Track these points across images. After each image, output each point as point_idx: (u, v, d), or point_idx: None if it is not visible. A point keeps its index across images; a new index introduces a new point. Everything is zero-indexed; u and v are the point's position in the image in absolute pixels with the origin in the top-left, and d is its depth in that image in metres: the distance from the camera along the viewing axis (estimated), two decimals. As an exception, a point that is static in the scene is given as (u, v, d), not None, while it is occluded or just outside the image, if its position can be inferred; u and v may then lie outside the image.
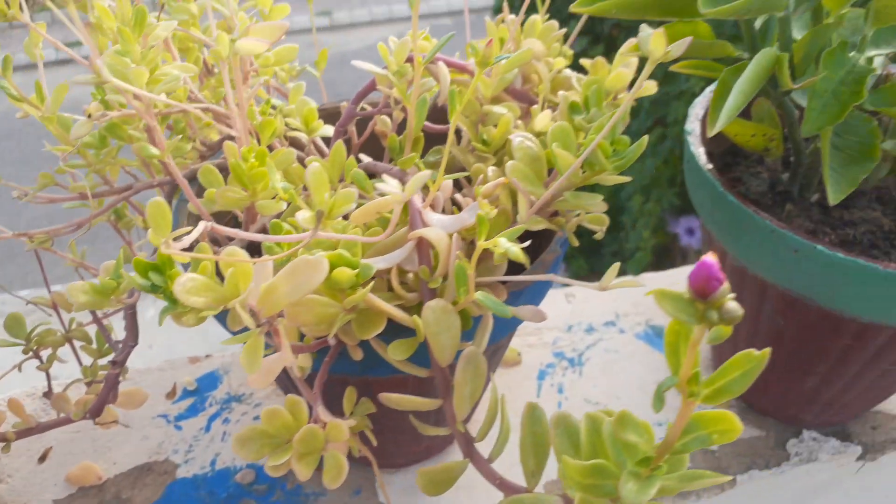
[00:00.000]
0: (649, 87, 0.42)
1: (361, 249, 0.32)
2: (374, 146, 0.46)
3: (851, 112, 0.39)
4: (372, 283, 0.27)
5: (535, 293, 0.37)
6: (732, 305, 0.18)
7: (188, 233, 0.23)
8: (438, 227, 0.30)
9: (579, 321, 0.59)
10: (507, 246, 0.25)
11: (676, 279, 0.62)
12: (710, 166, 0.43)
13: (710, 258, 0.17)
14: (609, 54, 0.42)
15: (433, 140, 0.45)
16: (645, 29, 0.27)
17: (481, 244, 0.26)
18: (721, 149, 0.49)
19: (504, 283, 0.35)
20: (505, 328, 0.37)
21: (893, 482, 0.53)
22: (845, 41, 0.37)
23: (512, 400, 0.53)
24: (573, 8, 0.36)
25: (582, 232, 0.41)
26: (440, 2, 4.00)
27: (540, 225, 0.32)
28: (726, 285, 0.18)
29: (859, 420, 0.52)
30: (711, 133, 0.33)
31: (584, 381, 0.55)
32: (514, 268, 0.36)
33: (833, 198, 0.36)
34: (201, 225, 0.26)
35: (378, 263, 0.30)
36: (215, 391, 0.52)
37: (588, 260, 2.12)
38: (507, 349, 0.56)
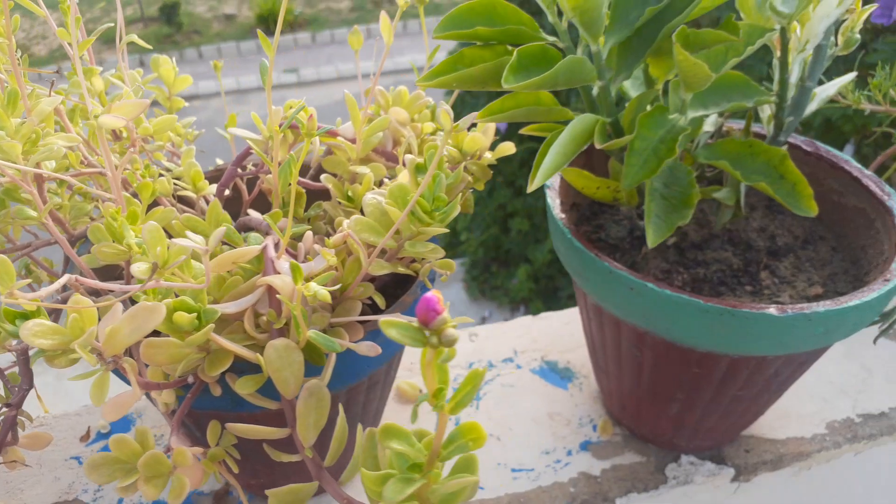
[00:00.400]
0: (507, 148, 0.47)
1: (226, 292, 0.36)
2: (264, 202, 0.50)
3: (678, 165, 0.44)
4: (212, 325, 0.31)
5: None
6: (450, 332, 0.22)
7: (27, 283, 0.27)
8: (286, 275, 0.34)
9: (480, 358, 0.63)
10: (316, 289, 0.29)
11: (572, 317, 0.67)
12: (563, 216, 0.48)
13: (432, 294, 0.22)
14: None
15: (317, 196, 0.49)
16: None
17: (299, 288, 0.30)
18: (588, 199, 0.54)
19: (363, 322, 0.39)
20: (369, 364, 0.41)
21: (767, 500, 0.56)
22: (662, 105, 0.42)
23: (411, 435, 0.57)
24: (417, 83, 0.41)
25: (539, 276, 0.44)
26: (404, 59, 4.12)
27: (384, 270, 0.36)
28: (444, 315, 0.22)
29: (734, 444, 0.56)
30: (530, 188, 0.38)
31: (480, 415, 0.58)
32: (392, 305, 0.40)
33: (651, 241, 0.40)
34: (64, 277, 0.30)
35: (228, 308, 0.34)
36: (127, 434, 0.55)
37: (545, 302, 2.17)
38: (408, 385, 0.59)
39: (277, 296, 0.34)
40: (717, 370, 0.45)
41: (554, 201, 0.49)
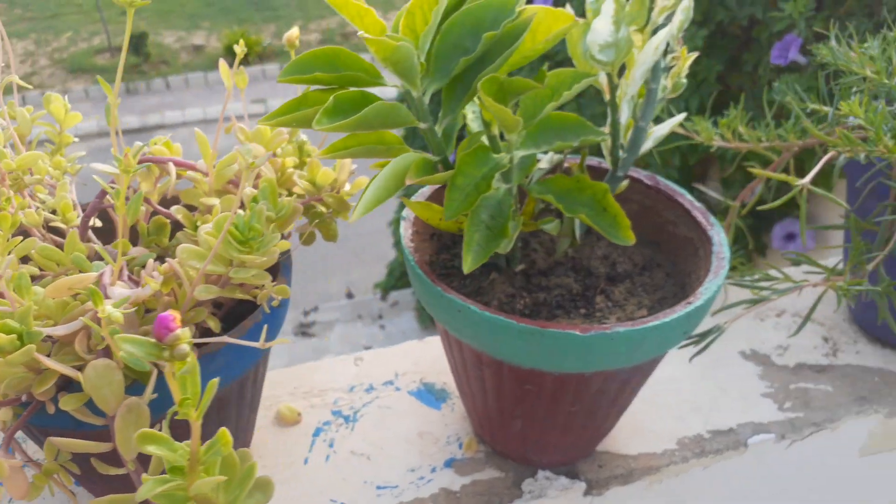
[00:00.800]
0: (361, 183, 0.51)
1: (66, 314, 0.39)
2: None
3: (505, 199, 0.48)
4: (32, 346, 0.34)
5: (235, 353, 0.44)
6: (182, 348, 0.25)
7: None
8: (116, 299, 0.37)
9: (361, 382, 0.66)
10: (110, 311, 0.32)
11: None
12: (412, 245, 0.52)
13: (168, 314, 0.25)
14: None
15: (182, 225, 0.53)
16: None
17: (98, 311, 0.33)
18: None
19: (201, 345, 0.42)
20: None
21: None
22: (485, 145, 0.46)
23: (286, 455, 0.60)
24: (259, 122, 0.45)
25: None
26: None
27: (210, 295, 0.40)
28: (177, 333, 0.25)
29: (589, 459, 0.60)
30: (351, 220, 0.42)
31: (355, 436, 0.61)
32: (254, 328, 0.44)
33: (468, 267, 0.44)
34: None
35: (58, 331, 0.37)
36: None
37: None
38: (288, 409, 0.62)
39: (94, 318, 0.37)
40: (545, 387, 0.49)
41: (406, 231, 0.53)
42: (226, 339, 0.40)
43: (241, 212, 0.39)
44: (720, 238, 0.52)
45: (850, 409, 0.64)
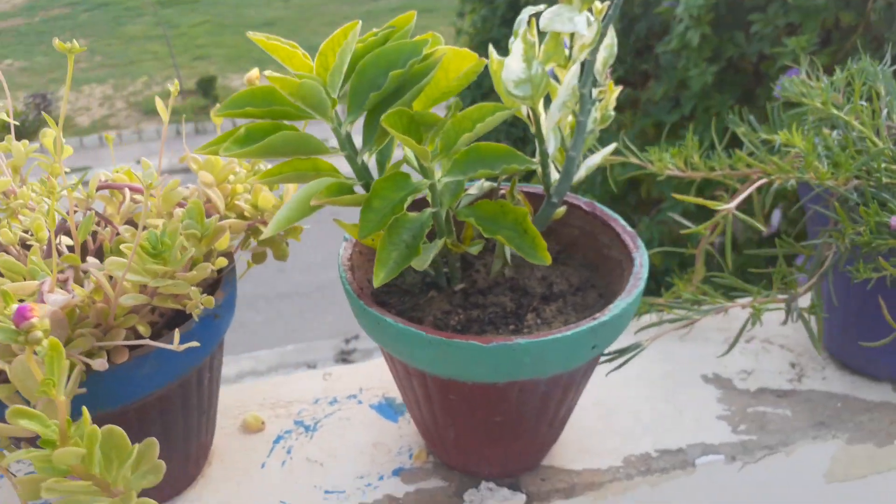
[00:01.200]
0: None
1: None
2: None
3: (426, 221, 0.52)
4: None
5: (167, 358, 0.48)
6: (36, 334, 0.30)
7: None
8: (50, 304, 0.43)
9: (327, 395, 0.70)
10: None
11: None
12: (349, 262, 0.55)
13: (26, 305, 0.30)
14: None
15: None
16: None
17: (4, 312, 0.38)
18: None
19: (135, 347, 0.47)
20: (143, 386, 0.48)
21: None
22: (403, 172, 0.50)
23: (246, 459, 0.64)
24: (195, 151, 0.50)
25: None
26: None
27: (136, 302, 0.44)
28: (31, 321, 0.30)
29: (533, 473, 0.61)
30: (263, 237, 0.46)
31: (313, 444, 0.65)
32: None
33: (378, 281, 0.47)
34: None
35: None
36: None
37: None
38: (253, 417, 0.66)
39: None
40: (465, 396, 0.52)
41: (346, 252, 0.57)
42: (149, 342, 0.44)
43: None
44: (642, 260, 0.54)
45: (806, 433, 0.64)
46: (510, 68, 0.51)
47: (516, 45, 0.51)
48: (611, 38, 0.55)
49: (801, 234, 0.69)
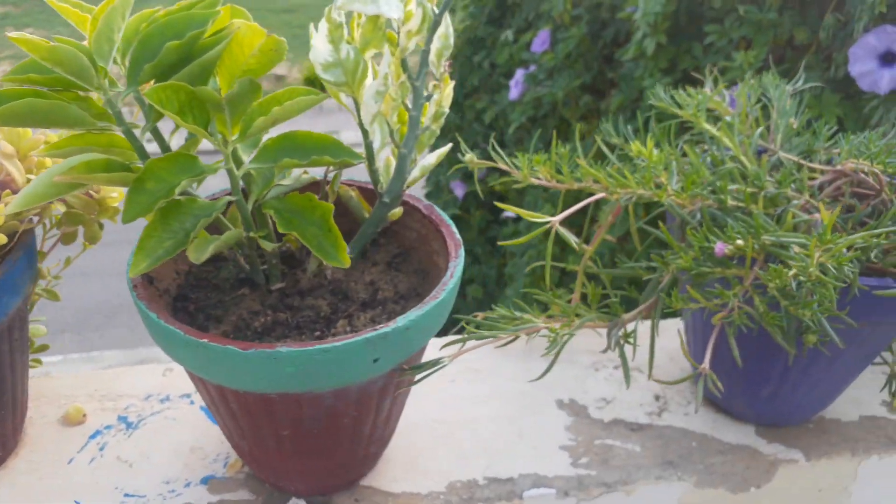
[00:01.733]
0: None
1: None
2: None
3: (215, 209, 0.48)
4: None
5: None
6: None
7: None
8: None
9: (161, 392, 0.66)
10: None
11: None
12: (145, 251, 0.52)
13: None
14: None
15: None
16: None
17: None
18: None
19: None
20: None
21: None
22: (188, 154, 0.46)
23: (55, 453, 0.60)
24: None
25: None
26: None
27: None
28: None
29: (349, 492, 0.57)
30: (9, 211, 0.42)
31: (129, 443, 0.61)
32: None
33: (133, 271, 0.44)
34: None
35: None
36: None
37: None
38: (74, 409, 0.63)
39: None
40: (241, 404, 0.48)
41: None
42: None
43: None
44: (454, 271, 0.50)
45: (650, 472, 0.59)
46: (316, 49, 0.47)
47: (321, 25, 0.47)
48: (445, 27, 0.51)
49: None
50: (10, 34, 0.41)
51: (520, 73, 1.83)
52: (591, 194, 0.64)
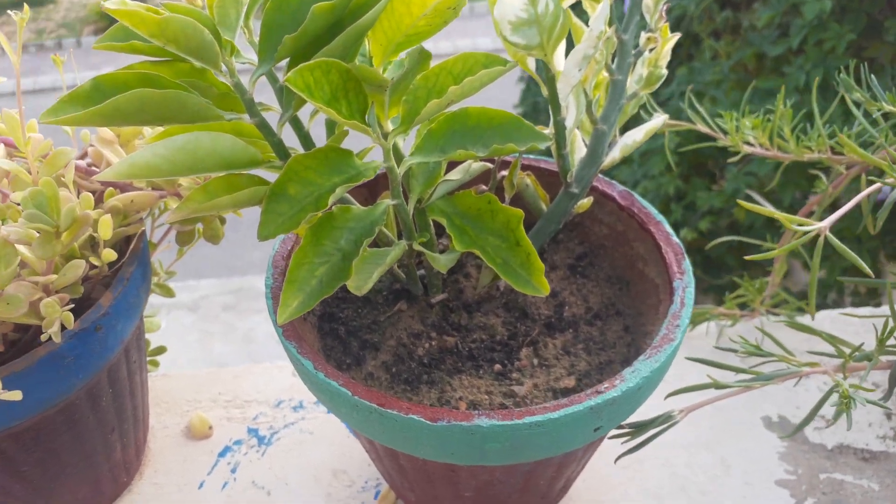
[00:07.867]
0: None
1: None
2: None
3: (375, 219, 0.37)
4: None
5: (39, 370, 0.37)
6: None
7: None
8: None
9: (292, 397, 0.58)
10: None
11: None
12: (283, 264, 0.42)
13: None
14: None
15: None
16: None
17: None
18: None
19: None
20: (23, 409, 0.37)
21: None
22: (340, 149, 0.35)
23: (183, 474, 0.53)
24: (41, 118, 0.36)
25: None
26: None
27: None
28: None
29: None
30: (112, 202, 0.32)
31: (263, 463, 0.53)
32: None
33: (281, 318, 0.33)
34: None
35: None
36: None
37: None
38: (199, 420, 0.55)
39: None
40: (420, 469, 0.39)
41: (283, 247, 0.43)
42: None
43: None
44: (684, 295, 0.38)
45: (897, 519, 0.48)
46: (504, 4, 0.34)
47: (515, -32, 0.34)
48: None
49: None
50: (105, 4, 0.30)
51: None
52: (827, 168, 0.50)
